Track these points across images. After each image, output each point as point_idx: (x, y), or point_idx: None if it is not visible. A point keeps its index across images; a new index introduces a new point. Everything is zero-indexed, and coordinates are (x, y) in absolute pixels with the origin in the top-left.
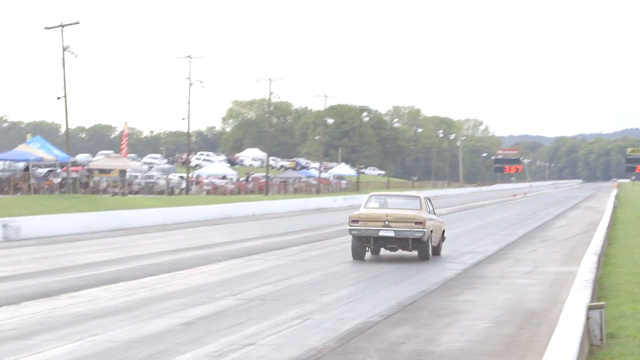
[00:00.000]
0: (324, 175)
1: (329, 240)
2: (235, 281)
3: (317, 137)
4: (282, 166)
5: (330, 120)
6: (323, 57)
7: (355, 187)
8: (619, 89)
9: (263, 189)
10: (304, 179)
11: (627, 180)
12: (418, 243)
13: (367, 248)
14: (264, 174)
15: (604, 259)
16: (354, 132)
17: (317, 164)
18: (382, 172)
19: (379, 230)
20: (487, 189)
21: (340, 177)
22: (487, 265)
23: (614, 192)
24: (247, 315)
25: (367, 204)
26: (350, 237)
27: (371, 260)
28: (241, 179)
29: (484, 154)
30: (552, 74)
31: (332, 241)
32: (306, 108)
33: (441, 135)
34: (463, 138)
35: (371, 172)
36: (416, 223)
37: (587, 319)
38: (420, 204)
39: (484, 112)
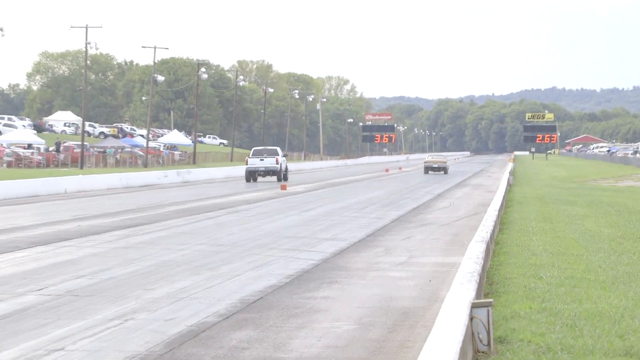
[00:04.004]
0: (152, 144)
1: (158, 224)
2: (42, 273)
3: (144, 98)
4: (101, 133)
5: (160, 78)
6: (152, 0)
7: (191, 159)
8: (514, 42)
9: (77, 161)
10: (128, 149)
11: (526, 153)
12: (444, 169)
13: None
14: (79, 142)
15: (495, 247)
16: (189, 92)
17: (144, 131)
18: (225, 141)
19: (432, 164)
20: (354, 162)
21: (173, 147)
22: (351, 254)
23: (509, 166)
24: (55, 314)
25: (427, 157)
26: None
27: (212, 249)
28: (51, 149)
29: (350, 120)
30: (433, 25)
31: (162, 224)
32: (131, 62)
33: (297, 97)
34: (324, 100)
35: (211, 141)
36: (444, 163)
37: (471, 319)
38: (444, 157)
39: (349, 68)
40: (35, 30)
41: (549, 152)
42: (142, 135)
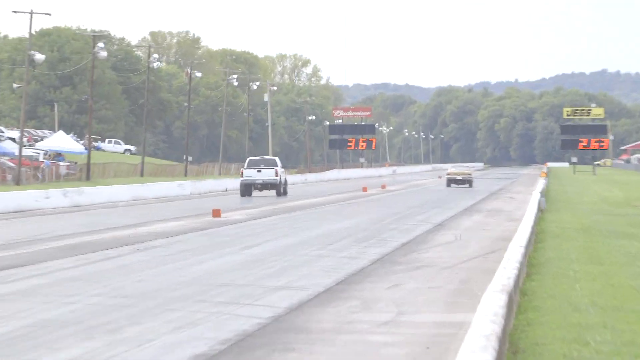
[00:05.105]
0: (28, 152)
1: (36, 266)
2: None
3: (16, 86)
4: None
5: (40, 56)
6: None
7: (84, 173)
8: (546, 9)
9: None
10: None
11: (565, 165)
12: (469, 182)
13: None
14: None
15: (521, 299)
16: (81, 76)
17: (16, 133)
18: (132, 148)
19: (456, 177)
20: (317, 177)
21: (57, 156)
22: (314, 310)
23: (540, 184)
24: None
25: (450, 169)
26: None
27: (114, 302)
28: None
29: (312, 117)
30: None
31: (42, 267)
32: None
33: (236, 83)
34: (274, 88)
35: (113, 147)
36: (469, 175)
37: None
38: (469, 169)
39: (310, 45)
40: None
41: (597, 163)
42: (12, 139)
